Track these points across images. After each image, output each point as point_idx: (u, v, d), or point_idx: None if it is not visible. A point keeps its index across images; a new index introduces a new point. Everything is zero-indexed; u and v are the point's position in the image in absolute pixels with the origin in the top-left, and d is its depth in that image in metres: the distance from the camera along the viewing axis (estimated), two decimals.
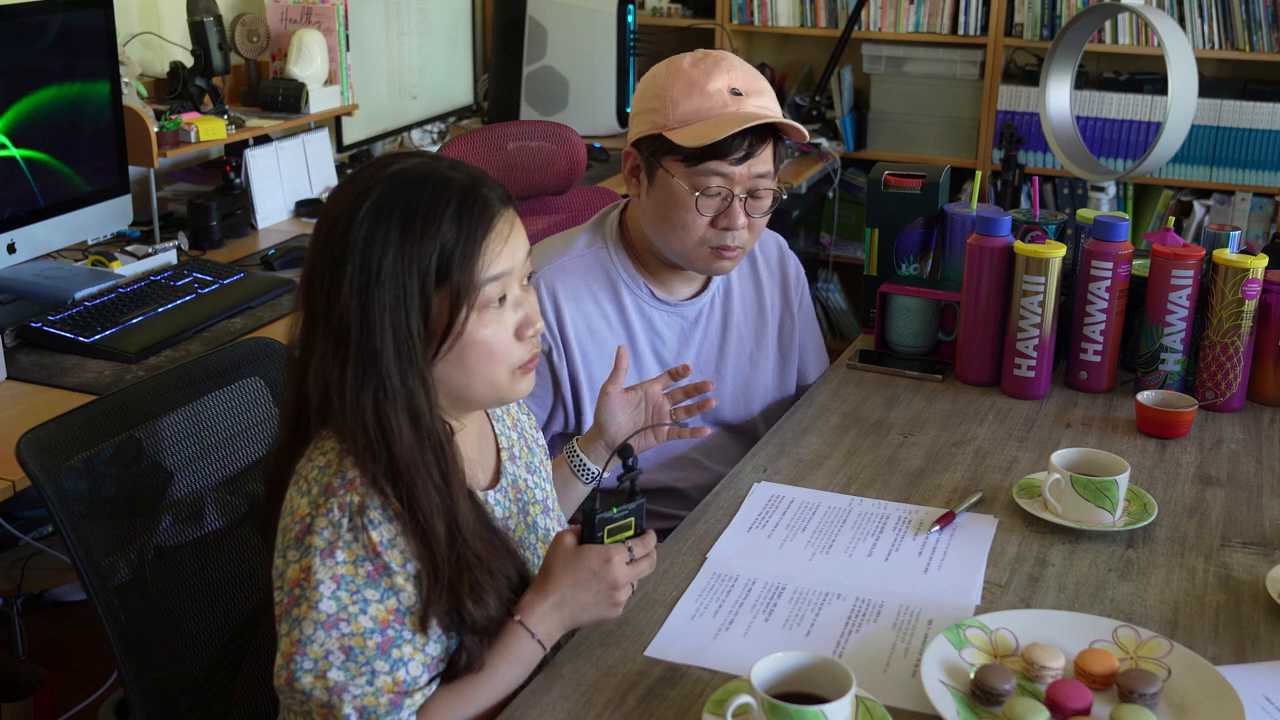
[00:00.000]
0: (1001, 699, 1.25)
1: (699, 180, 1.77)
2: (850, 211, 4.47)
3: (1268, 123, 3.91)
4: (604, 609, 1.32)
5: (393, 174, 1.25)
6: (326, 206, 1.27)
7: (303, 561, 1.21)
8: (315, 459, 1.25)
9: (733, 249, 1.83)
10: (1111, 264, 1.98)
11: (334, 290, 1.22)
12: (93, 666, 2.73)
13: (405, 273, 1.21)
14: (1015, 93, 4.13)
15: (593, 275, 1.90)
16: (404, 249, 1.21)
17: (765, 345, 2.05)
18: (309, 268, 1.26)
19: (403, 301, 1.21)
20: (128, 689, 1.43)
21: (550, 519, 1.50)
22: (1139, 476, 1.77)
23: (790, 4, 4.30)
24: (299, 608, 1.21)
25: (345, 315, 1.21)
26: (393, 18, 3.75)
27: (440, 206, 1.23)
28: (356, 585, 1.21)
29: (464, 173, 1.28)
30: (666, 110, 1.77)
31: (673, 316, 1.95)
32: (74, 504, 1.40)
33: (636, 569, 1.33)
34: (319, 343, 1.23)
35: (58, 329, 2.26)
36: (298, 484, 1.25)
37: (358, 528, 1.21)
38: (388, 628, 1.22)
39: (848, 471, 1.80)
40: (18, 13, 2.38)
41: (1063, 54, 3.30)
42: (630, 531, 1.34)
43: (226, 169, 3.14)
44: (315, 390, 1.24)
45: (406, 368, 1.22)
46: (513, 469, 1.46)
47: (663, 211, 1.82)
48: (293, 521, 1.23)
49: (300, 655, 1.20)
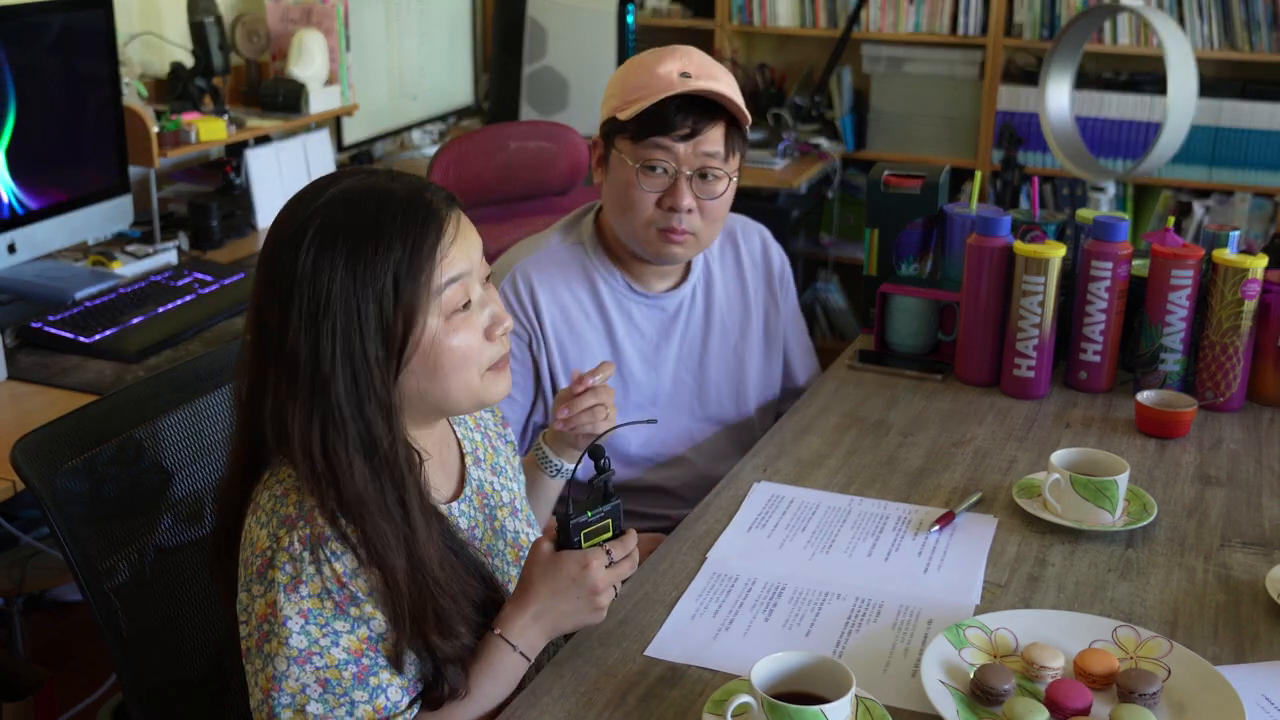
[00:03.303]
0: (1001, 699, 1.25)
1: (644, 154, 1.78)
2: (850, 211, 4.47)
3: (1267, 123, 3.91)
4: (586, 615, 1.30)
5: (332, 197, 1.21)
6: (270, 236, 1.22)
7: (267, 596, 1.18)
8: (272, 487, 1.22)
9: (680, 232, 1.81)
10: (1111, 264, 1.98)
11: (283, 322, 1.18)
12: (93, 666, 2.73)
13: (359, 296, 1.18)
14: (1015, 93, 4.12)
15: (569, 268, 1.91)
16: (355, 272, 1.18)
17: (750, 337, 2.05)
18: (256, 299, 1.22)
19: (357, 326, 1.18)
20: (126, 693, 1.42)
21: (519, 520, 1.48)
22: (1139, 476, 1.77)
23: (790, 4, 4.30)
24: (270, 644, 1.18)
25: (295, 347, 1.18)
26: (393, 18, 3.75)
27: (387, 223, 1.19)
28: (325, 618, 1.18)
29: (404, 183, 1.24)
30: (620, 95, 1.81)
31: (652, 310, 1.95)
32: (71, 507, 1.39)
33: (617, 571, 1.30)
34: (270, 374, 1.20)
35: (58, 329, 2.26)
36: (255, 514, 1.22)
37: (319, 560, 1.18)
38: (362, 656, 1.20)
39: (848, 471, 1.80)
40: (18, 13, 2.38)
41: (1063, 54, 3.30)
42: (608, 534, 1.32)
43: (227, 169, 3.14)
44: (269, 422, 1.20)
45: (363, 396, 1.19)
46: (477, 474, 1.43)
47: (615, 193, 1.84)
48: (253, 555, 1.20)
49: (277, 691, 1.18)
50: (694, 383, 1.99)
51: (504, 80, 4.11)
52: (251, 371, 1.23)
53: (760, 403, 2.07)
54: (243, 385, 1.25)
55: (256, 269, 1.24)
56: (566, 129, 2.86)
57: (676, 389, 1.98)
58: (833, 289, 4.48)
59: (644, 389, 1.95)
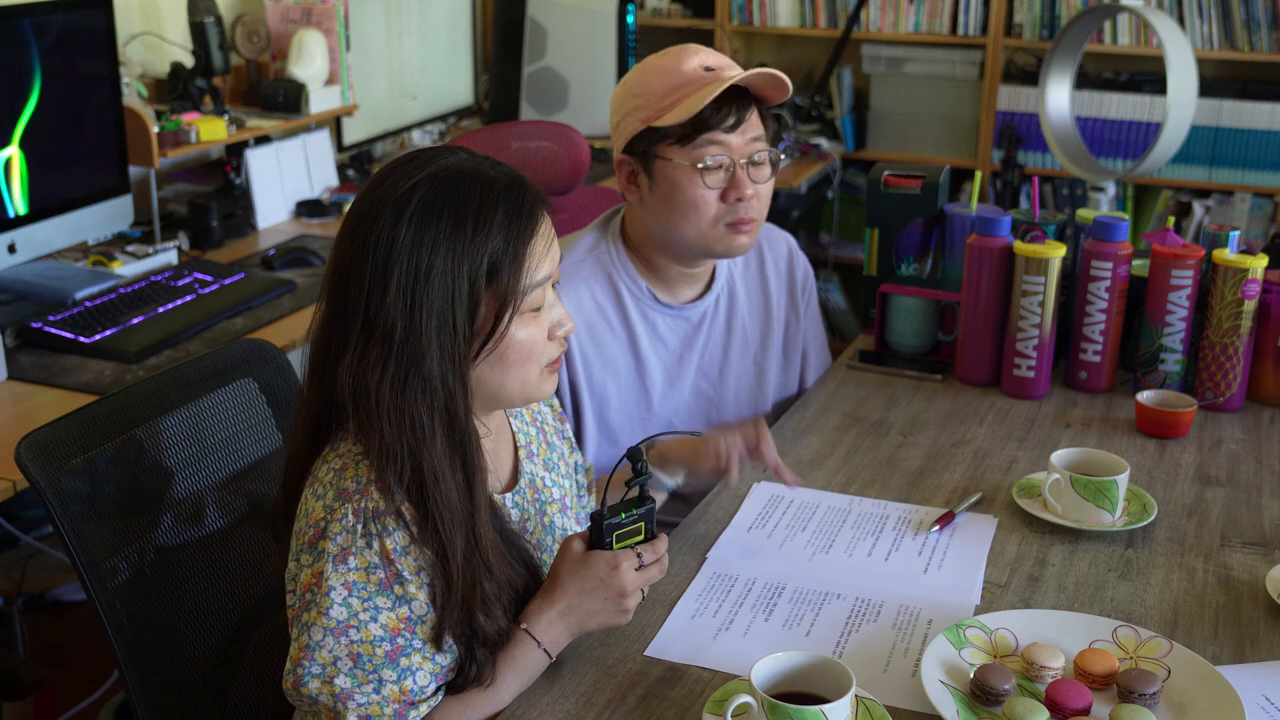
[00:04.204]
0: (1001, 699, 1.25)
1: (698, 154, 1.75)
2: (850, 211, 4.47)
3: (1267, 123, 3.91)
4: (612, 616, 1.31)
5: (436, 171, 1.23)
6: (364, 205, 1.23)
7: (315, 566, 1.20)
8: (331, 461, 1.24)
9: (748, 221, 1.80)
10: (1111, 264, 1.98)
11: (378, 289, 1.19)
12: (93, 666, 2.73)
13: (455, 273, 1.20)
14: (1015, 93, 4.13)
15: (595, 279, 1.89)
16: (454, 248, 1.20)
17: (770, 347, 2.04)
18: (343, 266, 1.22)
19: (451, 302, 1.20)
20: (130, 691, 1.43)
21: (568, 517, 1.49)
22: (1138, 476, 1.77)
23: (790, 4, 4.31)
24: (309, 613, 1.20)
25: (390, 315, 1.19)
26: (393, 18, 3.75)
27: (489, 207, 1.22)
28: (368, 592, 1.20)
29: (505, 173, 1.27)
30: (649, 104, 1.77)
31: (676, 320, 1.94)
32: (74, 505, 1.40)
33: (646, 575, 1.31)
34: (355, 344, 1.21)
35: (58, 329, 2.27)
36: (313, 486, 1.24)
37: (372, 534, 1.19)
38: (398, 635, 1.21)
39: (848, 471, 1.80)
40: (18, 13, 2.38)
41: (1063, 54, 3.30)
42: (640, 536, 1.32)
43: (227, 169, 3.14)
44: (352, 391, 1.21)
45: (449, 368, 1.21)
46: (530, 467, 1.44)
47: (670, 202, 1.79)
48: (307, 525, 1.22)
49: (308, 660, 1.19)
50: (713, 393, 1.98)
51: (504, 80, 4.11)
52: (329, 335, 1.24)
53: (776, 409, 2.06)
54: (318, 349, 1.25)
55: (343, 237, 1.24)
56: (568, 128, 2.85)
57: (696, 399, 1.97)
58: (833, 289, 4.49)
59: (665, 401, 1.94)
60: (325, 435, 1.28)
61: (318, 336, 1.26)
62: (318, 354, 1.25)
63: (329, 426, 1.27)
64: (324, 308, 1.25)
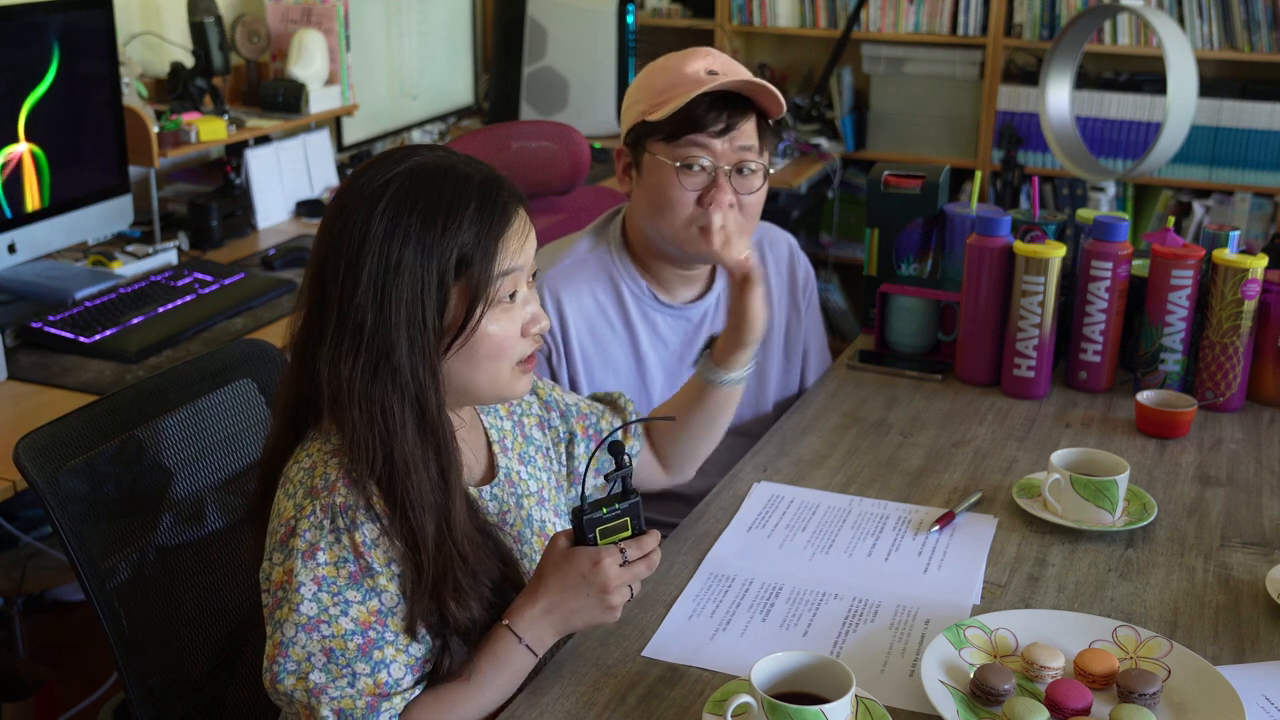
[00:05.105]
0: (1001, 699, 1.25)
1: (680, 153, 1.76)
2: (850, 211, 4.47)
3: (1267, 123, 3.91)
4: (597, 614, 1.28)
5: (411, 167, 1.25)
6: (342, 199, 1.26)
7: (286, 564, 1.21)
8: (302, 461, 1.25)
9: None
10: (1111, 264, 1.98)
11: (350, 282, 1.22)
12: (93, 666, 2.73)
13: (424, 266, 1.22)
14: (1015, 93, 4.13)
15: (595, 278, 1.89)
16: (424, 243, 1.22)
17: (771, 348, 2.04)
18: (321, 259, 1.25)
19: (420, 295, 1.22)
20: (129, 692, 1.43)
21: (546, 509, 1.49)
22: (1138, 476, 1.77)
23: (790, 4, 4.30)
24: (281, 610, 1.21)
25: (362, 307, 1.21)
26: (393, 18, 3.75)
27: (461, 203, 1.24)
28: (338, 586, 1.20)
29: (480, 169, 1.29)
30: (647, 98, 1.79)
31: (676, 320, 1.94)
32: (73, 505, 1.40)
33: (632, 571, 1.28)
34: (330, 335, 1.23)
35: (58, 329, 2.26)
36: (284, 486, 1.25)
37: (340, 528, 1.21)
38: (369, 629, 1.21)
39: (847, 471, 1.80)
40: (18, 13, 2.38)
41: (1063, 54, 3.30)
42: (627, 532, 1.29)
43: (227, 169, 3.14)
44: (325, 383, 1.23)
45: (418, 361, 1.22)
46: (505, 461, 1.45)
47: (651, 196, 1.81)
48: (278, 524, 1.23)
49: (283, 657, 1.20)
50: None
51: (504, 80, 4.11)
52: (308, 327, 1.26)
53: (777, 410, 2.06)
54: (299, 340, 1.27)
55: (322, 230, 1.26)
56: (568, 128, 2.85)
57: None
58: (833, 289, 4.48)
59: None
60: (302, 429, 1.29)
61: (298, 327, 1.28)
62: (298, 344, 1.28)
63: (305, 420, 1.29)
64: (304, 299, 1.27)
